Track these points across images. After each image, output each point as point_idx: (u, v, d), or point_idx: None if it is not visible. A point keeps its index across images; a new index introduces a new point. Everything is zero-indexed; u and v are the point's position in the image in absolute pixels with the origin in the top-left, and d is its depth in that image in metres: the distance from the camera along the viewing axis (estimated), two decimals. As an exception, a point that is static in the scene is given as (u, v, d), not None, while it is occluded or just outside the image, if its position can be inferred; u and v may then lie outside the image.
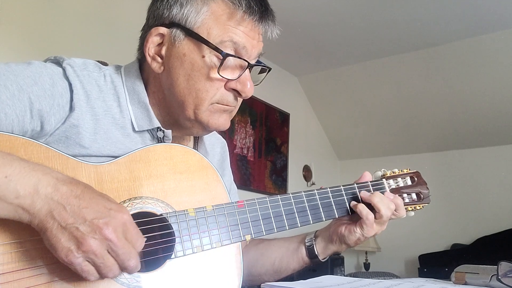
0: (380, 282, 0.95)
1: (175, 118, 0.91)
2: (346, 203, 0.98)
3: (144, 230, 0.72)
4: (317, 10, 3.60)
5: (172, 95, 0.88)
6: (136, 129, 0.88)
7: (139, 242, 0.66)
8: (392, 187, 1.04)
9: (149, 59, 0.88)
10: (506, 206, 4.30)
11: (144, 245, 0.68)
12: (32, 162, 0.64)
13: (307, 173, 5.00)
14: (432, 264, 4.22)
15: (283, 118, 4.77)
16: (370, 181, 1.03)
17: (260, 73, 0.94)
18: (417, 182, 1.06)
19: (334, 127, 5.34)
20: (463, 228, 4.51)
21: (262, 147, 4.45)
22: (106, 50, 2.81)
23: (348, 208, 0.98)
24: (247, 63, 0.86)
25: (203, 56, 0.84)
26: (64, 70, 0.82)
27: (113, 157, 0.78)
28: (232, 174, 1.18)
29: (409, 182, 1.06)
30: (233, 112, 0.93)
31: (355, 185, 1.00)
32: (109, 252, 0.62)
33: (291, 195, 0.92)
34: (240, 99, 0.91)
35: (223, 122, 0.90)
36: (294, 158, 4.83)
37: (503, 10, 3.44)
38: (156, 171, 0.80)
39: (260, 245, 1.11)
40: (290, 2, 3.45)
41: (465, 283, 0.95)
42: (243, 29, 0.85)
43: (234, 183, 1.18)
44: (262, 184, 4.39)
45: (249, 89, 0.88)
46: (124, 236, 0.63)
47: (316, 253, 1.03)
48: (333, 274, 3.77)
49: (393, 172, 1.07)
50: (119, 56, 1.27)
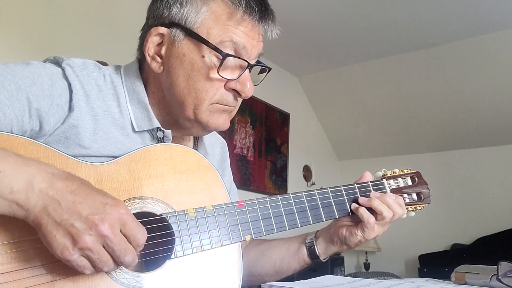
0: (380, 282, 0.95)
1: (175, 118, 0.91)
2: (347, 203, 0.98)
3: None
4: (317, 10, 3.60)
5: (172, 95, 0.88)
6: (136, 129, 0.88)
7: (140, 234, 0.65)
8: (393, 187, 1.04)
9: (149, 59, 0.88)
10: (506, 206, 4.29)
11: (144, 245, 0.68)
12: (27, 158, 0.64)
13: (307, 173, 5.00)
14: (432, 264, 4.22)
15: (283, 118, 4.77)
16: (371, 181, 1.03)
17: (260, 73, 0.94)
18: (418, 182, 1.06)
19: (334, 127, 5.34)
20: (463, 228, 4.51)
21: (262, 147, 4.45)
22: (106, 50, 2.80)
23: (349, 209, 0.98)
24: (247, 63, 0.86)
25: (203, 56, 0.84)
26: (64, 70, 0.82)
27: (113, 157, 0.78)
28: (232, 174, 1.18)
29: (410, 182, 1.06)
30: (233, 112, 0.92)
31: (356, 185, 1.00)
32: (105, 248, 0.62)
33: (291, 195, 0.92)
34: (240, 99, 0.91)
35: (223, 122, 0.90)
36: (294, 158, 4.83)
37: (503, 10, 3.44)
38: (156, 171, 0.80)
39: (261, 246, 1.10)
40: (290, 2, 3.45)
41: (465, 283, 0.95)
42: (243, 29, 0.85)
43: (234, 184, 1.18)
44: (262, 184, 4.39)
45: (249, 89, 0.87)
46: (122, 231, 0.63)
47: (317, 254, 1.03)
48: (333, 274, 3.77)
49: (394, 172, 1.07)
50: (119, 56, 1.27)
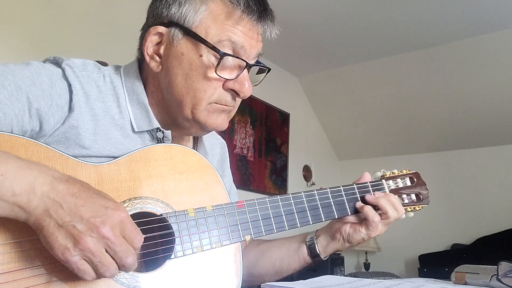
0: (380, 282, 0.95)
1: (174, 118, 0.91)
2: (346, 204, 0.98)
3: (144, 230, 0.72)
4: (317, 10, 3.60)
5: (170, 95, 0.88)
6: (136, 130, 0.88)
7: (137, 239, 0.65)
8: (392, 188, 1.04)
9: (148, 58, 0.88)
10: (506, 206, 4.30)
11: (144, 245, 0.68)
12: (28, 161, 0.64)
13: (307, 173, 5.00)
14: (432, 264, 4.22)
15: (283, 118, 4.77)
16: (370, 182, 1.03)
17: (259, 74, 0.94)
18: (417, 183, 1.06)
19: (334, 127, 5.34)
20: (463, 228, 4.51)
21: (262, 147, 4.45)
22: (106, 50, 2.80)
23: (348, 209, 0.98)
24: (245, 63, 0.86)
25: (201, 56, 0.84)
26: (63, 71, 0.82)
27: (113, 158, 0.78)
28: (232, 174, 1.18)
29: (409, 183, 1.06)
30: (232, 113, 0.92)
31: (355, 186, 1.01)
32: (107, 251, 0.62)
33: (291, 196, 0.92)
34: (239, 99, 0.91)
35: (221, 122, 0.90)
36: (294, 158, 4.83)
37: (503, 10, 3.44)
38: (156, 171, 0.80)
39: (261, 246, 1.10)
40: (290, 2, 3.45)
41: (465, 283, 0.95)
42: (242, 29, 0.85)
43: (234, 184, 1.18)
44: (262, 184, 4.39)
45: (247, 89, 0.87)
46: (122, 234, 0.63)
47: (318, 252, 1.03)
48: (333, 274, 3.78)
49: (393, 173, 1.07)
50: (119, 56, 1.27)
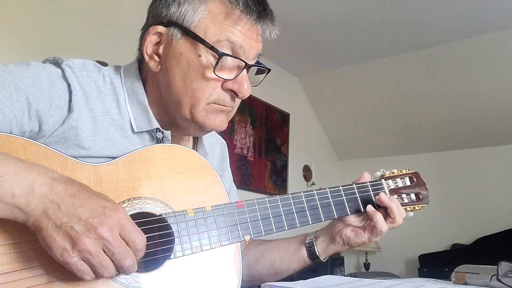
0: (380, 282, 0.95)
1: (172, 118, 0.91)
2: (345, 204, 0.98)
3: (144, 231, 0.72)
4: (317, 10, 3.60)
5: (169, 95, 0.88)
6: (135, 130, 0.88)
7: (138, 239, 0.65)
8: (391, 188, 1.04)
9: (147, 58, 0.88)
10: (506, 206, 4.29)
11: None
12: (28, 162, 0.64)
13: (307, 173, 5.00)
14: (432, 264, 4.22)
15: (283, 118, 4.77)
16: (369, 182, 1.03)
17: (258, 74, 0.93)
18: (416, 183, 1.06)
19: (334, 127, 5.34)
20: (463, 228, 4.51)
21: (262, 147, 4.45)
22: (106, 50, 2.80)
23: (347, 209, 0.98)
24: (244, 63, 0.85)
25: (200, 55, 0.84)
26: (63, 71, 0.82)
27: (112, 158, 0.78)
28: (232, 174, 1.18)
29: (408, 183, 1.06)
30: (231, 113, 0.92)
31: (354, 186, 1.00)
32: (105, 251, 0.62)
33: (290, 196, 0.92)
34: (238, 100, 0.91)
35: (220, 123, 0.90)
36: (294, 158, 4.83)
37: (503, 10, 3.44)
38: (155, 172, 0.80)
39: (261, 246, 1.10)
40: (290, 2, 3.45)
41: (465, 283, 0.95)
42: (241, 29, 0.84)
43: (234, 184, 1.18)
44: (262, 184, 4.39)
45: (246, 90, 0.87)
46: (121, 235, 0.63)
47: (317, 254, 1.03)
48: (333, 274, 3.77)
49: (392, 173, 1.07)
50: (119, 56, 1.27)
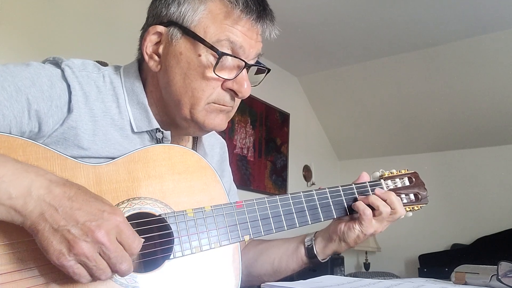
0: (380, 282, 0.95)
1: (172, 118, 0.91)
2: (345, 204, 0.98)
3: (143, 231, 0.72)
4: (317, 10, 3.60)
5: (169, 94, 0.88)
6: (135, 130, 0.88)
7: (135, 244, 0.65)
8: (390, 188, 1.04)
9: (147, 58, 0.88)
10: (506, 206, 4.29)
11: (143, 246, 0.68)
12: (26, 164, 0.64)
13: (307, 173, 5.00)
14: (432, 264, 4.22)
15: (283, 118, 4.77)
16: (368, 182, 1.03)
17: (258, 74, 0.93)
18: (415, 183, 1.06)
19: (334, 127, 5.34)
20: (463, 228, 4.51)
21: (262, 147, 4.45)
22: (106, 50, 2.80)
23: (347, 208, 0.98)
24: (244, 63, 0.85)
25: (199, 55, 0.84)
26: (63, 72, 0.82)
27: (112, 159, 0.78)
28: (232, 174, 1.17)
29: (407, 183, 1.06)
30: (231, 113, 0.92)
31: (353, 186, 1.01)
32: (101, 255, 0.61)
33: (290, 196, 0.92)
34: (238, 100, 0.91)
35: (220, 123, 0.89)
36: (294, 158, 4.83)
37: (503, 10, 3.44)
38: (155, 172, 0.80)
39: (260, 246, 1.11)
40: (290, 2, 3.45)
41: (465, 283, 0.95)
42: (241, 29, 0.84)
43: (234, 184, 1.18)
44: (262, 184, 4.39)
45: (246, 89, 0.87)
46: (118, 239, 0.63)
47: (315, 253, 1.03)
48: (333, 274, 3.78)
49: (391, 173, 1.07)
50: (119, 56, 1.27)
